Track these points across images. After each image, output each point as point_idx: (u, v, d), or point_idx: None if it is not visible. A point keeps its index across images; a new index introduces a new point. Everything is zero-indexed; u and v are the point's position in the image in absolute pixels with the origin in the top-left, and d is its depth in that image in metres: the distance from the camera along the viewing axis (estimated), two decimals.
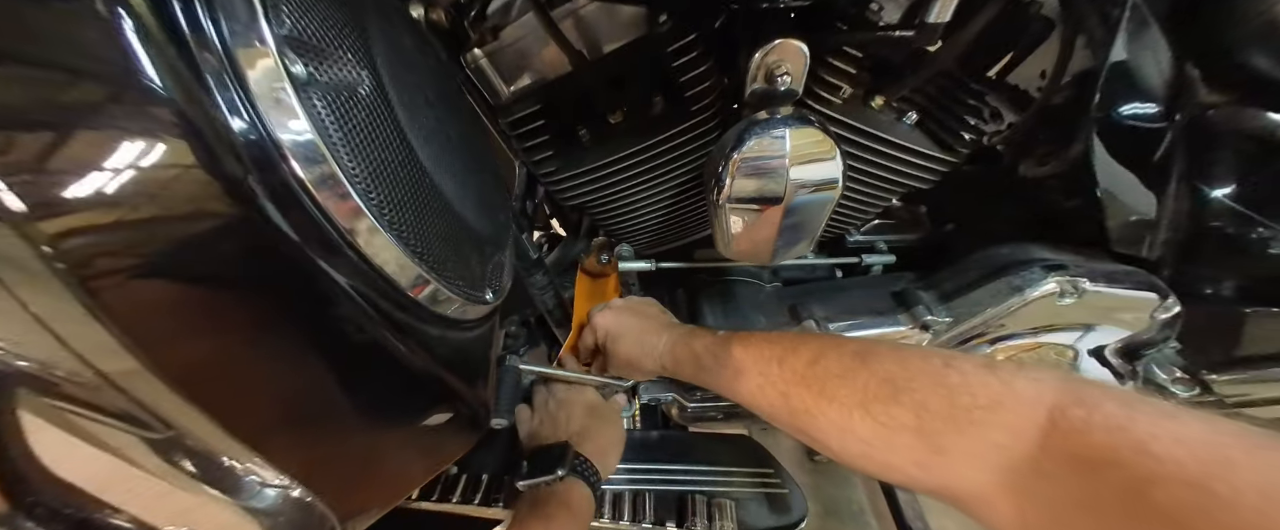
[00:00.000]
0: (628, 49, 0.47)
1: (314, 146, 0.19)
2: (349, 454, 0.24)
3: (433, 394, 0.25)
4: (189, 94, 0.17)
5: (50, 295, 0.16)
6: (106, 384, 0.17)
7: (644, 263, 0.60)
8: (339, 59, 0.21)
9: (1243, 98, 0.41)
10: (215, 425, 0.19)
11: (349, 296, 0.21)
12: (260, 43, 0.18)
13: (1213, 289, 0.52)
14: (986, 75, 0.50)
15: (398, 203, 0.22)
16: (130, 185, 0.16)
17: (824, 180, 0.42)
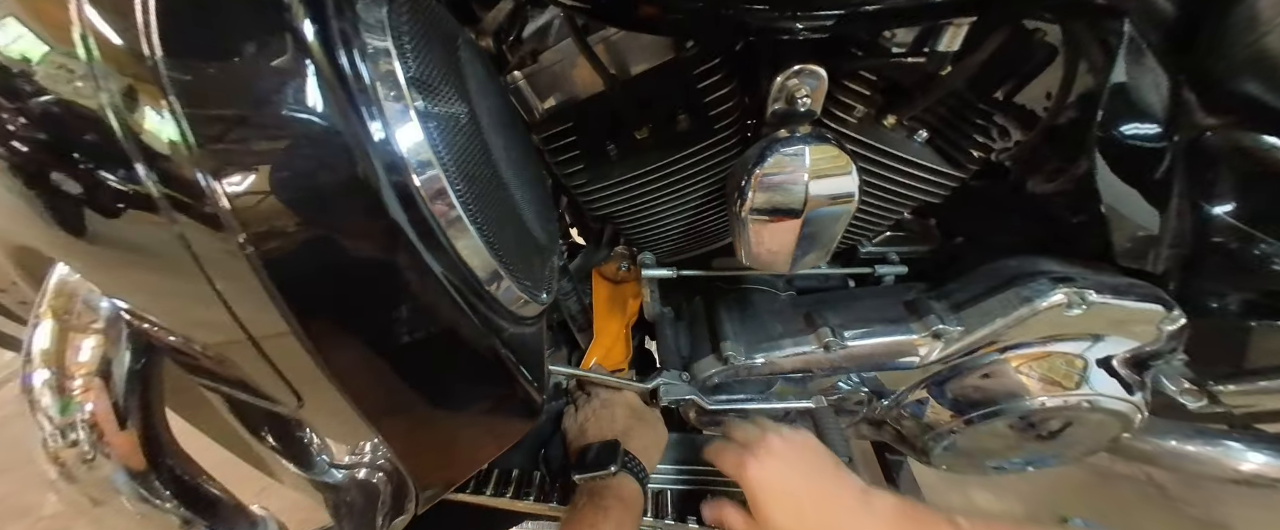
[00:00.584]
0: (656, 71, 0.50)
1: (432, 167, 0.23)
2: (437, 430, 0.27)
3: (503, 379, 0.28)
4: (348, 123, 0.21)
5: (237, 278, 0.20)
6: (259, 355, 0.21)
7: (666, 270, 0.63)
8: (445, 95, 0.25)
9: (1237, 121, 0.43)
10: (342, 394, 0.23)
11: (447, 289, 0.24)
12: (396, 84, 0.22)
13: (1217, 302, 0.53)
14: (994, 96, 0.53)
15: (486, 213, 0.26)
16: (304, 191, 0.20)
17: (840, 194, 0.44)
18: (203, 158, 0.20)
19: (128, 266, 0.22)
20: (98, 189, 0.21)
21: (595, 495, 0.48)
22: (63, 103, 0.20)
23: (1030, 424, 0.61)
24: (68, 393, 0.23)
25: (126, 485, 0.23)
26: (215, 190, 0.20)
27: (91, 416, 0.23)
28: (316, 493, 0.33)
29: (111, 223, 0.21)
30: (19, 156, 0.21)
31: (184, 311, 0.22)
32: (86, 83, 0.19)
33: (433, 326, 0.24)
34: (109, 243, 0.22)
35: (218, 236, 0.21)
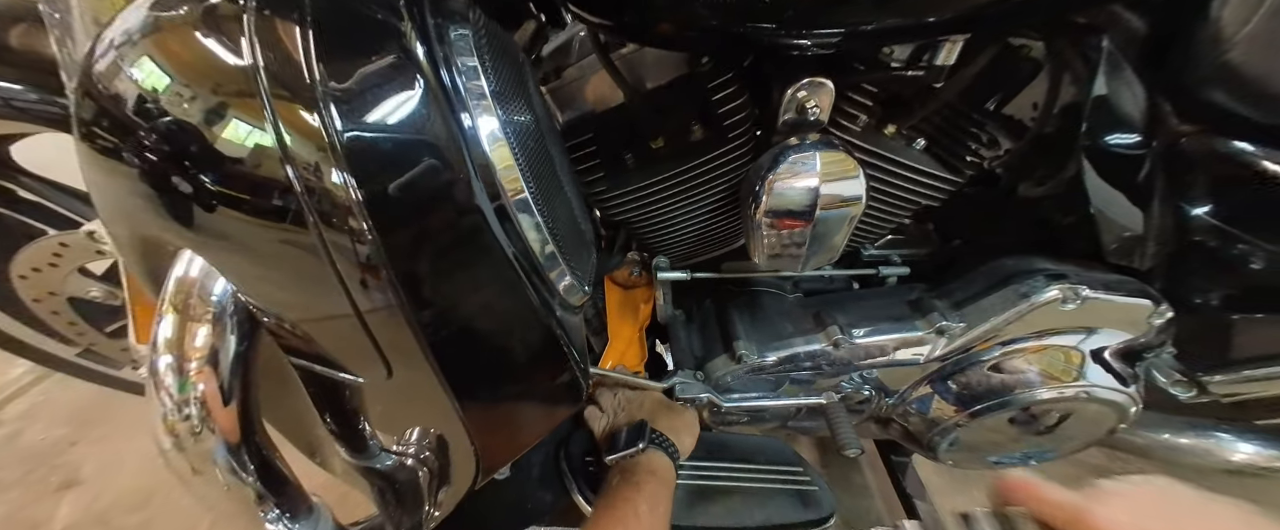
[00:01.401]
0: (672, 85, 0.54)
1: (512, 168, 0.26)
2: (505, 405, 0.30)
3: (559, 359, 0.31)
4: (449, 129, 0.25)
5: (358, 263, 0.23)
6: (360, 329, 0.24)
7: (680, 273, 0.65)
8: (517, 106, 0.28)
9: (1209, 129, 0.47)
10: (429, 363, 0.25)
11: (520, 272, 0.27)
12: (483, 95, 0.26)
13: (1201, 297, 0.57)
14: (985, 107, 0.57)
15: (549, 208, 0.29)
16: (417, 187, 0.24)
17: (849, 197, 0.48)
18: (344, 162, 0.24)
19: (262, 253, 0.26)
20: (251, 189, 0.25)
21: (628, 473, 0.50)
22: (226, 113, 0.24)
23: (1031, 417, 0.64)
24: (185, 374, 0.26)
25: (222, 457, 0.26)
26: (351, 189, 0.25)
27: (203, 395, 0.26)
28: (364, 480, 0.35)
29: (255, 220, 0.25)
30: (185, 159, 0.25)
31: (300, 293, 0.26)
32: (253, 99, 0.24)
33: (509, 306, 0.27)
34: (248, 236, 0.26)
35: (349, 230, 0.25)
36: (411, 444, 0.33)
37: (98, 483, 1.05)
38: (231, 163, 0.24)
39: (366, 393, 0.29)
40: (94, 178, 0.27)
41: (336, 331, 0.27)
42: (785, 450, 0.68)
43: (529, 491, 0.58)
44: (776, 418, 0.70)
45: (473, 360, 0.29)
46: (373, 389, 0.28)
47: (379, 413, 0.31)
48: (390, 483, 0.34)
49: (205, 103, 0.24)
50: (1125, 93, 0.49)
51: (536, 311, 0.29)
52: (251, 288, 0.27)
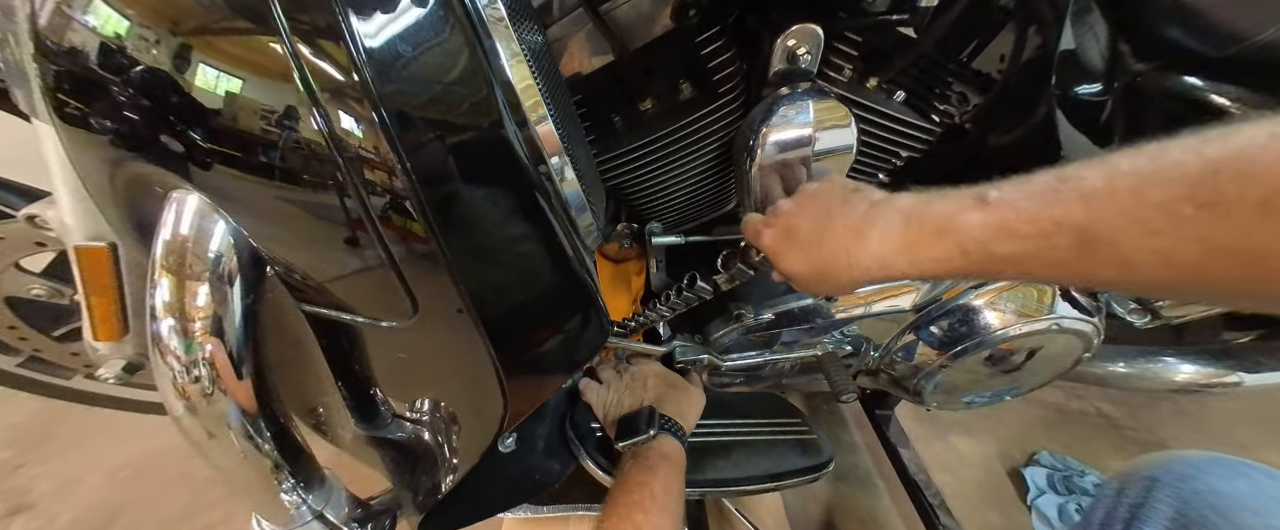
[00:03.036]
0: (658, 42, 0.53)
1: (532, 88, 0.25)
2: (532, 342, 0.29)
3: (583, 297, 0.30)
4: (470, 45, 0.23)
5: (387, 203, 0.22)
6: (390, 271, 0.23)
7: (674, 237, 0.65)
8: (528, 26, 0.27)
9: (1163, 66, 0.50)
10: (463, 301, 0.24)
11: (544, 198, 0.26)
12: (500, 15, 0.24)
13: None
14: (959, 58, 0.59)
15: (569, 138, 0.28)
16: (445, 114, 0.23)
17: (842, 145, 0.49)
18: (374, 96, 0.23)
19: (283, 200, 0.25)
20: (269, 127, 0.23)
21: (640, 458, 0.51)
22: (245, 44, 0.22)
23: (1006, 353, 0.68)
24: (190, 335, 0.24)
25: (237, 422, 0.24)
26: (385, 126, 0.23)
27: (211, 355, 0.24)
28: (375, 452, 0.34)
29: (279, 157, 0.23)
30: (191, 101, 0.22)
31: (323, 240, 0.24)
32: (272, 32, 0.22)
33: (539, 241, 0.26)
34: (269, 174, 0.24)
35: (381, 166, 0.23)
36: (426, 406, 0.32)
37: (53, 504, 0.97)
38: (249, 108, 0.22)
39: (385, 339, 0.27)
40: (74, 147, 0.24)
41: (361, 275, 0.25)
42: (782, 403, 0.70)
43: (536, 463, 0.57)
44: (773, 375, 0.72)
45: (505, 301, 0.28)
46: (397, 335, 0.27)
47: (401, 362, 0.29)
48: (404, 452, 0.32)
49: (212, 38, 0.22)
50: (1089, 37, 0.51)
51: (564, 250, 0.28)
52: (268, 235, 0.25)
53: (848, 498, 1.10)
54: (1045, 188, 0.26)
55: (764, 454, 0.63)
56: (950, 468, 1.15)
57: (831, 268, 0.34)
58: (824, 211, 0.36)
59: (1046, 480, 1.10)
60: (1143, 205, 0.23)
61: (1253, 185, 0.20)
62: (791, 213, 0.39)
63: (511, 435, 0.58)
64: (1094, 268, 0.25)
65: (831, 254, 0.34)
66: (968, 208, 0.29)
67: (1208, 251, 0.21)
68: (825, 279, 0.36)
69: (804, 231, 0.37)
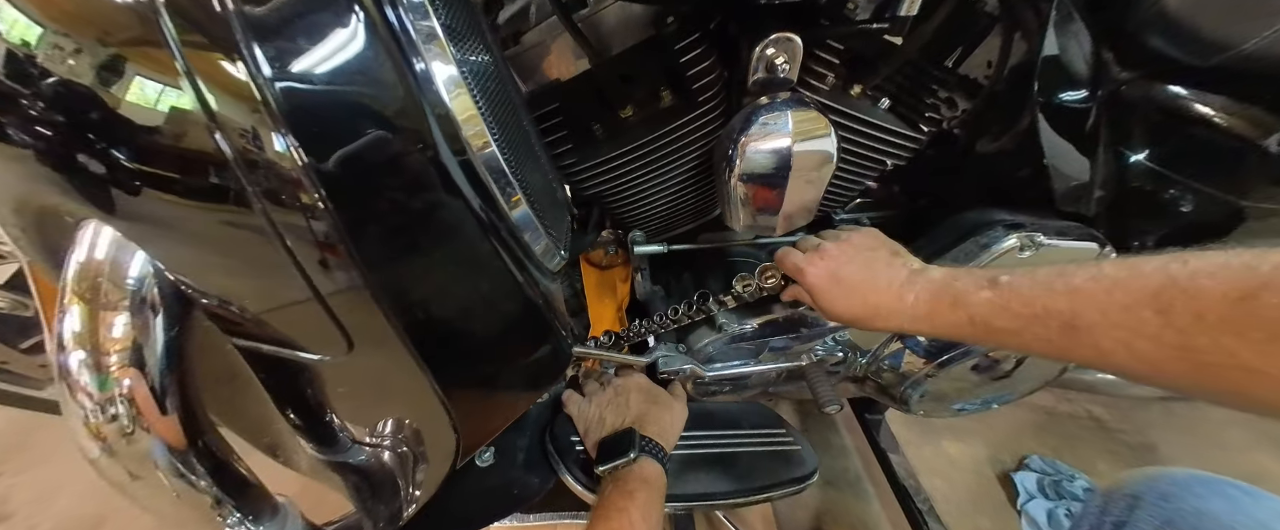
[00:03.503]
0: (637, 49, 0.52)
1: (471, 109, 0.23)
2: (484, 375, 0.27)
3: (538, 324, 0.29)
4: (401, 72, 0.22)
5: (307, 235, 0.20)
6: (320, 310, 0.21)
7: (657, 246, 0.64)
8: (473, 45, 0.25)
9: (1147, 74, 0.50)
10: (399, 337, 0.23)
11: (487, 228, 0.25)
12: (433, 33, 0.23)
13: (1139, 239, 0.61)
14: (944, 64, 0.58)
15: (517, 157, 0.26)
16: (369, 140, 0.21)
17: (822, 155, 0.48)
18: (279, 119, 0.21)
19: (191, 230, 0.23)
20: (169, 154, 0.21)
21: (619, 482, 0.50)
22: (127, 67, 0.20)
23: (993, 362, 0.68)
24: (104, 369, 0.22)
25: (165, 460, 0.23)
26: (293, 150, 0.21)
27: (129, 391, 0.22)
28: (335, 476, 0.33)
29: (182, 190, 0.21)
30: (79, 124, 0.20)
31: (244, 273, 0.23)
32: (159, 48, 0.19)
33: (483, 272, 0.25)
34: (175, 208, 0.22)
35: (294, 197, 0.21)
36: (383, 430, 0.31)
37: (32, 514, 0.96)
38: (145, 133, 0.20)
39: (328, 374, 0.26)
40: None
41: (291, 312, 0.24)
42: (767, 413, 0.69)
43: (515, 477, 0.56)
44: (758, 384, 0.71)
45: (447, 333, 0.26)
46: (335, 368, 0.25)
47: (343, 395, 0.28)
48: (363, 475, 0.31)
49: (96, 56, 0.20)
50: (1073, 44, 0.51)
51: (512, 277, 0.26)
52: (184, 269, 0.23)
53: (838, 503, 1.10)
54: (1045, 279, 0.33)
55: (747, 466, 0.63)
56: (941, 472, 1.15)
57: (870, 318, 0.43)
58: (870, 266, 0.45)
59: (1036, 485, 1.10)
60: (1114, 306, 0.29)
61: (1194, 302, 0.26)
62: (838, 259, 0.46)
63: (490, 448, 0.57)
64: (1073, 350, 0.32)
65: (873, 306, 0.43)
66: (981, 286, 0.37)
67: (1158, 346, 0.28)
68: (860, 323, 0.44)
69: (849, 279, 0.45)
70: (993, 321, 0.35)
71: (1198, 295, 0.26)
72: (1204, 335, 0.26)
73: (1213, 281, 0.26)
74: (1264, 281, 0.25)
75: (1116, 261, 0.31)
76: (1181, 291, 0.27)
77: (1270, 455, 1.15)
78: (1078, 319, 0.30)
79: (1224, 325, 0.25)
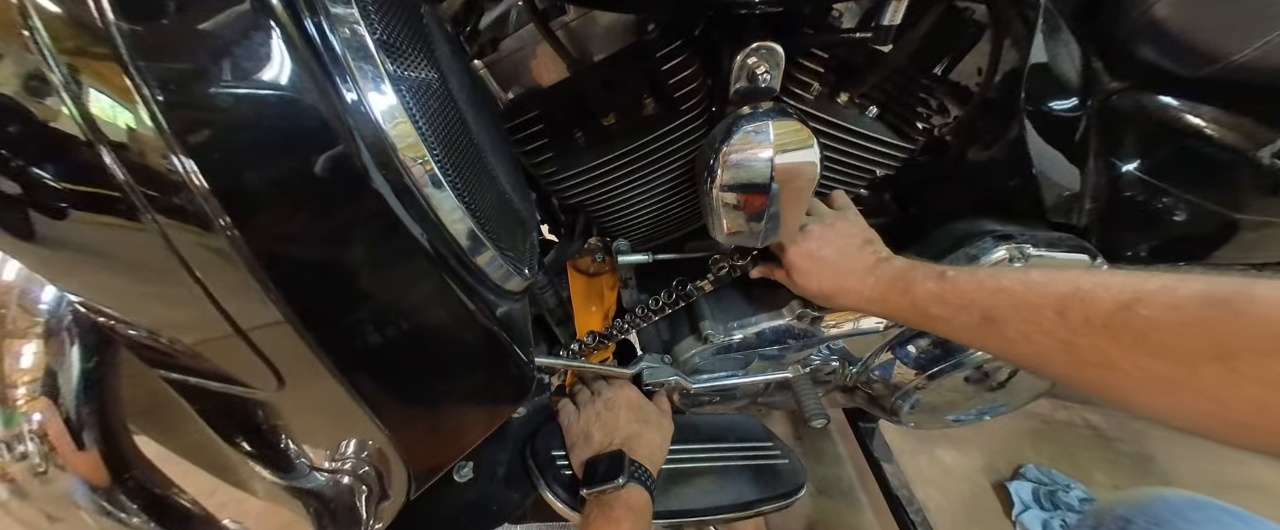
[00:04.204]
0: (618, 56, 0.51)
1: (408, 131, 0.22)
2: (431, 409, 0.26)
3: (493, 352, 0.28)
4: (321, 89, 0.20)
5: (221, 269, 0.19)
6: (246, 345, 0.20)
7: (641, 255, 0.63)
8: (414, 60, 0.24)
9: (1137, 84, 0.49)
10: (331, 373, 0.22)
11: (432, 257, 0.24)
12: (365, 48, 0.21)
13: (1131, 250, 0.60)
14: (932, 72, 0.57)
15: (465, 180, 0.25)
16: (284, 165, 0.20)
17: (804, 165, 0.47)
18: (175, 141, 0.19)
19: (99, 269, 0.21)
20: (63, 188, 0.19)
21: (606, 507, 0.49)
22: (6, 84, 0.18)
23: (984, 374, 0.66)
24: (11, 404, 0.20)
25: (87, 499, 0.21)
26: (192, 175, 0.19)
27: (40, 427, 0.20)
28: (295, 500, 0.31)
29: (75, 218, 0.19)
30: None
31: (158, 305, 0.21)
32: (31, 58, 0.17)
33: (425, 300, 0.23)
34: (71, 238, 0.20)
35: (198, 226, 0.20)
36: (339, 455, 0.29)
37: None
38: (30, 153, 0.18)
39: (267, 407, 0.25)
40: None
41: (213, 346, 0.22)
42: (754, 426, 0.68)
43: (494, 492, 0.55)
44: (746, 395, 0.70)
45: (385, 365, 0.24)
46: (271, 403, 0.24)
47: (282, 426, 0.26)
48: (322, 501, 0.30)
49: None
50: (1062, 53, 0.50)
51: (461, 304, 0.25)
52: (92, 296, 0.21)
53: (830, 512, 1.08)
54: (981, 277, 0.39)
55: (734, 480, 0.61)
56: (935, 482, 1.13)
57: (833, 295, 0.50)
58: (843, 250, 0.51)
59: (1031, 495, 1.08)
60: (1026, 304, 0.35)
61: (1086, 306, 0.31)
62: (819, 240, 0.52)
63: (468, 463, 0.56)
64: (986, 339, 0.38)
65: (838, 286, 0.49)
66: (929, 277, 0.43)
67: (1049, 341, 0.33)
68: (824, 299, 0.51)
69: (823, 259, 0.51)
70: (929, 309, 0.41)
71: (1091, 302, 0.31)
72: (1086, 336, 0.31)
73: (1106, 292, 0.31)
74: (1141, 295, 0.29)
75: (1046, 269, 0.37)
76: (1080, 298, 0.32)
77: (1269, 468, 1.14)
78: (994, 312, 0.36)
79: (1103, 329, 0.30)
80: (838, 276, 0.49)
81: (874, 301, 0.47)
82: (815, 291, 0.51)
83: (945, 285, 0.41)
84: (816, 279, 0.50)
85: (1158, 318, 0.28)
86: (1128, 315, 0.29)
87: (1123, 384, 0.30)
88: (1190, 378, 0.27)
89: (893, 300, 0.45)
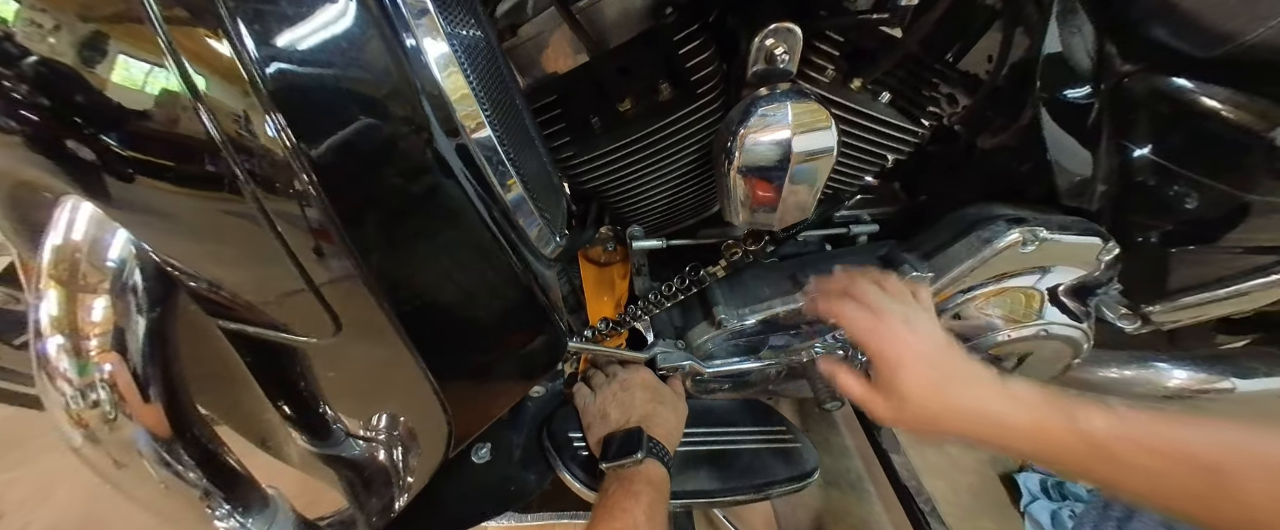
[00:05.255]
0: (636, 41, 0.51)
1: (462, 85, 0.23)
2: (474, 360, 0.27)
3: (533, 311, 0.29)
4: (391, 55, 0.21)
5: (299, 221, 0.20)
6: (313, 297, 0.21)
7: (655, 241, 0.64)
8: (463, 19, 0.25)
9: (1151, 67, 0.49)
10: (390, 321, 0.22)
11: (482, 212, 0.24)
12: (425, 10, 0.22)
13: (1142, 234, 0.60)
14: (944, 58, 0.58)
15: (511, 139, 0.26)
16: (353, 116, 0.21)
17: (822, 148, 0.47)
18: (272, 104, 0.20)
19: (180, 216, 0.22)
20: (160, 141, 0.20)
21: (625, 481, 0.49)
22: (109, 46, 0.19)
23: (994, 359, 0.67)
24: (85, 355, 0.22)
25: (150, 449, 0.22)
26: (284, 136, 0.20)
27: (111, 376, 0.21)
28: (328, 469, 0.32)
29: (171, 177, 0.21)
30: (62, 104, 0.20)
31: (237, 264, 0.22)
32: (140, 24, 0.19)
33: (479, 258, 0.24)
34: (164, 194, 0.22)
35: (285, 181, 0.21)
36: (373, 421, 0.30)
37: (24, 512, 0.95)
38: (131, 114, 0.20)
39: (317, 357, 0.26)
40: None
41: (281, 300, 0.23)
42: (766, 410, 0.68)
43: (512, 474, 0.56)
44: (758, 381, 0.70)
45: (441, 321, 0.26)
46: (323, 352, 0.25)
47: (332, 380, 0.27)
48: (354, 468, 0.31)
49: (76, 33, 0.19)
50: (1077, 37, 0.50)
51: (509, 262, 0.26)
52: (170, 251, 0.23)
53: (839, 503, 1.09)
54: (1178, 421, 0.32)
55: (747, 463, 0.62)
56: (943, 473, 1.14)
57: (948, 417, 0.37)
58: (951, 351, 0.40)
59: (1039, 486, 1.09)
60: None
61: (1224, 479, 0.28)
62: (916, 330, 0.40)
63: (485, 444, 0.57)
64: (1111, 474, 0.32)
65: (964, 399, 0.37)
66: (1097, 411, 0.33)
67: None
68: (933, 423, 0.38)
69: (933, 360, 0.39)
70: (1114, 449, 0.31)
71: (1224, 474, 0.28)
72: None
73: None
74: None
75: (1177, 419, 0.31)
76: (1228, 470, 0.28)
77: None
78: (1223, 464, 0.29)
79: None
80: (961, 389, 0.36)
81: (1019, 430, 0.34)
82: (922, 405, 0.37)
83: (1087, 435, 0.32)
84: (933, 389, 0.37)
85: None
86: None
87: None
88: None
89: (1053, 430, 0.33)
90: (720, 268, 0.60)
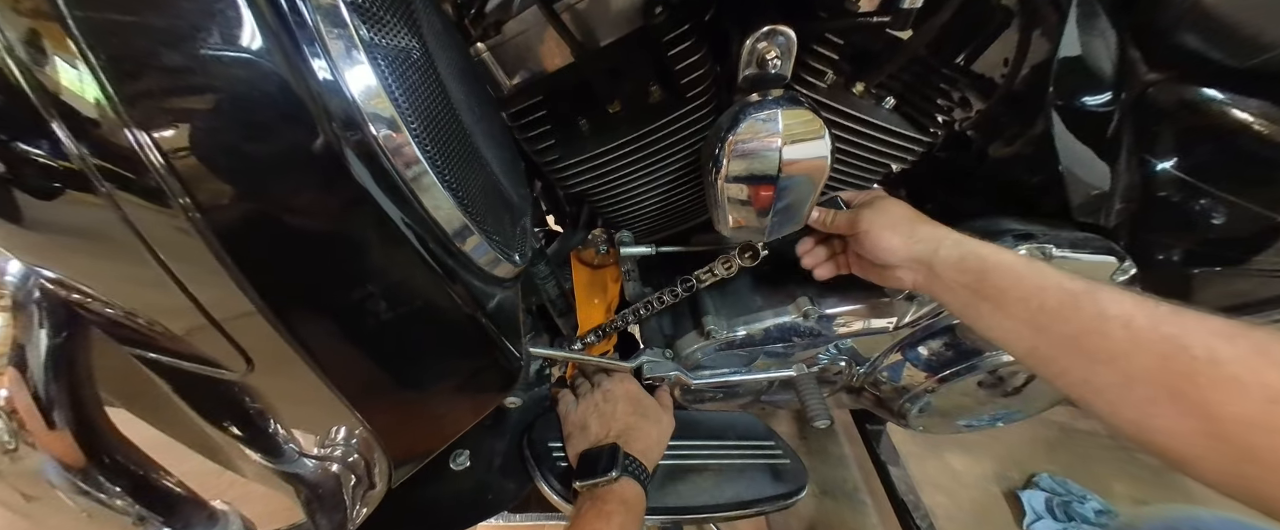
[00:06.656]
0: (625, 41, 0.49)
1: (382, 102, 0.21)
2: (412, 398, 0.25)
3: (476, 340, 0.27)
4: (288, 58, 0.19)
5: (186, 252, 0.18)
6: (206, 322, 0.19)
7: (645, 247, 0.62)
8: (392, 27, 0.23)
9: (1178, 76, 0.45)
10: (302, 358, 0.21)
11: (411, 241, 0.23)
12: (338, 14, 0.20)
13: (1163, 253, 0.57)
14: (955, 62, 0.54)
15: (447, 159, 0.24)
16: (247, 140, 0.19)
17: (814, 158, 0.45)
18: (130, 115, 0.18)
19: (60, 245, 0.20)
20: (16, 160, 0.18)
21: (597, 500, 0.48)
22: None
23: (999, 379, 0.64)
24: None
25: (61, 479, 0.21)
26: (150, 153, 0.18)
27: (7, 403, 0.20)
28: (285, 484, 0.31)
29: (37, 198, 0.19)
30: None
31: (123, 285, 0.20)
32: None
33: (399, 285, 0.22)
34: (35, 220, 0.20)
35: (159, 206, 0.19)
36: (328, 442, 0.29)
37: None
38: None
39: (237, 388, 0.24)
40: None
41: (178, 326, 0.21)
42: (756, 425, 0.67)
43: (490, 482, 0.55)
44: (749, 393, 0.68)
45: (361, 355, 0.24)
46: (243, 385, 0.23)
47: (259, 409, 0.26)
48: (310, 487, 0.30)
49: None
50: (1097, 41, 0.47)
51: (443, 291, 0.24)
52: (58, 273, 0.21)
53: (834, 515, 1.07)
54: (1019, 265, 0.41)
55: (734, 479, 0.60)
56: (944, 487, 1.11)
57: (908, 240, 0.48)
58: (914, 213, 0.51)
59: (1044, 505, 1.05)
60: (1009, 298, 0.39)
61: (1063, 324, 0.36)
62: (888, 201, 0.52)
63: (464, 451, 0.56)
64: (979, 313, 0.42)
65: (928, 236, 0.47)
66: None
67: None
68: (900, 249, 0.48)
69: (900, 216, 0.50)
70: (958, 280, 0.43)
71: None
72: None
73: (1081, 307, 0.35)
74: (1102, 315, 0.34)
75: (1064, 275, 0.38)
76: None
77: None
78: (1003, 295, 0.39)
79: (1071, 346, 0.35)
80: (913, 230, 0.47)
81: (935, 257, 0.45)
82: (881, 246, 0.48)
83: (978, 264, 0.42)
84: (901, 229, 0.48)
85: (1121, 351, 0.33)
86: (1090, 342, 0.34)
87: (1080, 388, 0.36)
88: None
89: (944, 256, 0.44)
90: (711, 276, 0.58)
